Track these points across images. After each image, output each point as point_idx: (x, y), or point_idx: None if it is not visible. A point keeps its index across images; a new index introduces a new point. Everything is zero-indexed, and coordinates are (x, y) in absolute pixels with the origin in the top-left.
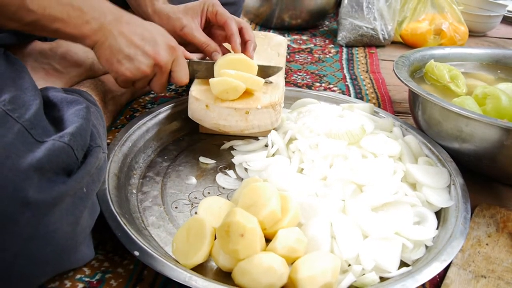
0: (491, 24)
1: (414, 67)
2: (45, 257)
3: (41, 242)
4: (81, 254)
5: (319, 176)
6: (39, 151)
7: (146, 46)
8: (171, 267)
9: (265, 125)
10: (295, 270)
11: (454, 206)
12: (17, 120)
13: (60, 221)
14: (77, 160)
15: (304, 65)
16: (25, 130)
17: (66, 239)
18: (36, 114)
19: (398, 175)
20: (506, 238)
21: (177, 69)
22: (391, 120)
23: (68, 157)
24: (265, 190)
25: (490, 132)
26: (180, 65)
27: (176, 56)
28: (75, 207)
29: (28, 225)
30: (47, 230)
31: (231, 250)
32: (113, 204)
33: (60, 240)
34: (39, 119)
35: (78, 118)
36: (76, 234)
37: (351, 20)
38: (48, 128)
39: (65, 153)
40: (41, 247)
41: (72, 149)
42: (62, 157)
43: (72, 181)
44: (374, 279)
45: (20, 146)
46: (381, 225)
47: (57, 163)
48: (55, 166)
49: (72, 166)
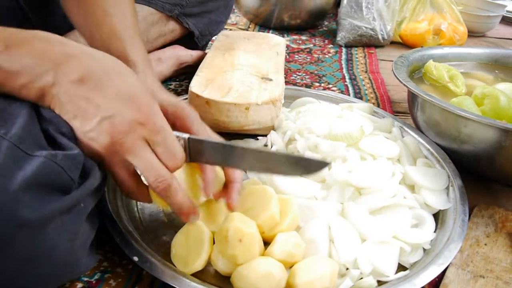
0: (490, 25)
1: (413, 67)
2: (44, 274)
3: (39, 261)
4: (83, 266)
5: (317, 178)
6: (28, 167)
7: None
8: (170, 273)
9: (265, 121)
10: (293, 275)
11: (452, 208)
12: (3, 137)
13: (57, 238)
14: (72, 180)
15: (303, 65)
16: (13, 146)
17: (65, 255)
18: (25, 125)
19: (397, 178)
20: (505, 238)
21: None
22: (391, 120)
23: (59, 177)
24: (264, 193)
25: (489, 133)
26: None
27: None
28: (72, 222)
29: (24, 245)
30: (44, 249)
31: (230, 255)
32: (111, 207)
33: (59, 257)
34: (29, 130)
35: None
36: (76, 249)
37: (350, 20)
38: (39, 138)
39: (55, 173)
40: (39, 266)
41: (64, 170)
42: (52, 177)
43: (68, 199)
44: (371, 283)
45: (10, 164)
46: (379, 229)
47: (48, 181)
48: (47, 184)
49: (68, 186)
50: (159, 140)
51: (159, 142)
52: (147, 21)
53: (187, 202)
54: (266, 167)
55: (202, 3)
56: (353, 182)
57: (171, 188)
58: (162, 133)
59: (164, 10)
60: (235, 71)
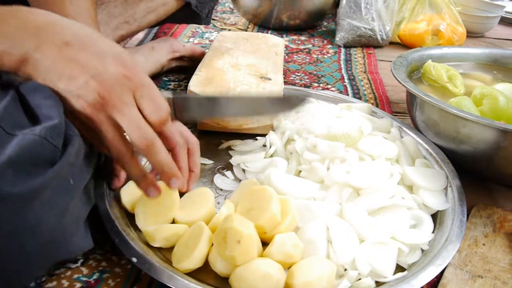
0: (489, 25)
1: (412, 68)
2: (30, 251)
3: (23, 237)
4: (74, 246)
5: (316, 179)
6: (9, 147)
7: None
8: (169, 274)
9: (264, 120)
10: (291, 276)
11: (450, 209)
12: None
13: (42, 214)
14: (56, 148)
15: (302, 65)
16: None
17: (51, 231)
18: (7, 107)
19: (395, 178)
20: (503, 238)
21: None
22: (389, 120)
23: (43, 148)
24: (265, 193)
25: (487, 133)
26: (148, 99)
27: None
28: (59, 198)
29: (6, 221)
30: (28, 225)
31: (228, 256)
32: (110, 207)
33: (44, 233)
34: (11, 111)
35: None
36: (64, 225)
37: (349, 20)
38: (22, 119)
39: (39, 145)
40: (24, 241)
41: (46, 140)
42: (36, 150)
43: (50, 173)
44: (369, 284)
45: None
46: (378, 229)
47: (33, 156)
48: (32, 159)
49: (53, 155)
50: (144, 94)
51: (145, 95)
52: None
53: (169, 162)
54: (250, 111)
55: None
56: (352, 182)
57: (154, 146)
58: (148, 86)
59: None
60: (234, 71)
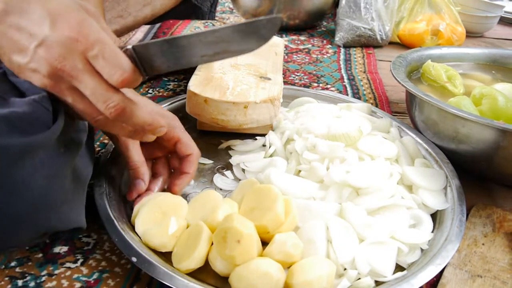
0: (488, 25)
1: (411, 68)
2: (19, 208)
3: (13, 192)
4: (63, 215)
5: (316, 178)
6: (6, 107)
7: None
8: (169, 273)
9: (264, 120)
10: (291, 276)
11: (450, 209)
12: None
13: (33, 173)
14: (49, 111)
15: (301, 65)
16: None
17: (40, 193)
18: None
19: (395, 178)
20: (502, 238)
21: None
22: (389, 120)
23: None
24: (269, 192)
25: (487, 133)
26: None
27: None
28: (51, 161)
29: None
30: (17, 180)
31: (228, 256)
32: (110, 207)
33: (34, 193)
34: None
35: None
36: (55, 190)
37: (349, 20)
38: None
39: (33, 106)
40: (12, 198)
41: (40, 103)
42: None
43: (46, 133)
44: (369, 283)
45: None
46: (377, 229)
47: (27, 115)
48: (27, 119)
49: (47, 118)
50: (96, 53)
51: (97, 54)
52: None
53: (147, 118)
54: (219, 49)
55: None
56: (351, 182)
57: (125, 110)
58: (99, 44)
59: None
60: (234, 70)
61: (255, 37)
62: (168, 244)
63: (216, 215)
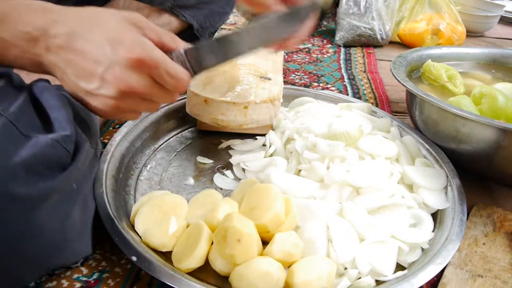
0: (489, 24)
1: (411, 67)
2: (33, 252)
3: (28, 238)
4: (74, 251)
5: (316, 178)
6: (25, 149)
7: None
8: (169, 272)
9: (264, 120)
10: (291, 275)
11: (450, 208)
12: (1, 114)
13: (48, 216)
14: (68, 153)
15: (302, 65)
16: (10, 123)
17: (54, 235)
18: (21, 106)
19: (395, 177)
20: (503, 237)
21: (165, 80)
22: (389, 120)
23: (56, 151)
24: (269, 192)
25: (487, 132)
26: (167, 76)
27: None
28: (64, 202)
29: (14, 220)
30: (34, 226)
31: (228, 255)
32: (110, 207)
33: (48, 236)
34: (24, 111)
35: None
36: (66, 230)
37: (349, 20)
38: (34, 120)
39: (52, 148)
40: (28, 243)
41: (59, 144)
42: (49, 152)
43: (62, 177)
44: (369, 283)
45: (5, 140)
46: (378, 228)
47: (46, 158)
48: (45, 161)
49: (64, 160)
50: (161, 72)
51: (162, 73)
52: None
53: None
54: (264, 39)
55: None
56: (352, 181)
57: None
58: (161, 64)
59: (153, 4)
60: (234, 70)
61: (296, 22)
62: (168, 243)
63: (216, 215)
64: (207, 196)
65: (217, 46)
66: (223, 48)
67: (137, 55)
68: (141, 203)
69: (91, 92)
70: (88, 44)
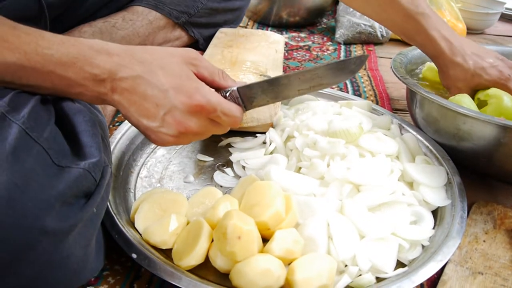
0: (489, 22)
1: (412, 65)
2: (57, 280)
3: (55, 267)
4: (91, 271)
5: (316, 175)
6: (60, 181)
7: (162, 115)
8: (169, 270)
9: (264, 118)
10: (291, 272)
11: (450, 205)
12: (36, 140)
13: (74, 246)
14: (95, 181)
15: (302, 62)
16: (44, 152)
17: (78, 262)
18: (52, 130)
19: (395, 175)
20: (503, 235)
21: (223, 120)
22: (389, 117)
23: (86, 181)
24: (269, 189)
25: (488, 130)
26: (224, 116)
27: (209, 110)
28: (87, 230)
29: (44, 252)
30: (61, 256)
31: (228, 252)
32: (110, 204)
33: (72, 264)
34: (55, 135)
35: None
36: (88, 256)
37: (349, 17)
38: (63, 145)
39: (84, 178)
40: (54, 272)
41: (90, 173)
42: (82, 184)
43: (88, 206)
44: (370, 280)
45: (40, 172)
46: (378, 226)
47: (78, 189)
48: (75, 193)
49: (91, 188)
50: (218, 114)
51: (219, 115)
52: (153, 25)
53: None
54: (314, 84)
55: (210, 14)
56: (352, 179)
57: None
58: (218, 107)
59: (171, 17)
60: (234, 68)
61: (346, 72)
62: (168, 241)
63: (216, 212)
64: (207, 194)
65: (268, 87)
66: (273, 89)
67: (197, 102)
68: (141, 201)
69: (152, 129)
70: (152, 89)
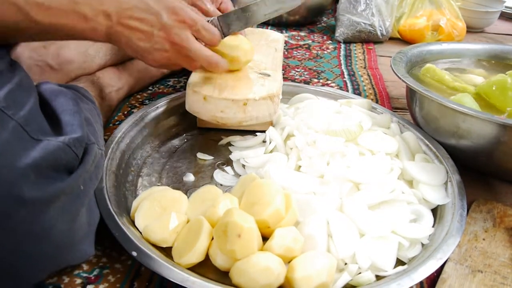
0: (489, 20)
1: (411, 63)
2: (41, 254)
3: (36, 239)
4: (79, 252)
5: (316, 173)
6: (35, 151)
7: (156, 32)
8: (169, 267)
9: (263, 116)
10: (291, 270)
11: (450, 203)
12: (11, 117)
13: (56, 218)
14: (77, 157)
15: (302, 61)
16: (20, 127)
17: (62, 236)
18: (31, 110)
19: (395, 173)
20: (503, 233)
21: (202, 34)
22: (389, 116)
23: (66, 155)
24: (269, 187)
25: (487, 128)
26: (203, 31)
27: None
28: (71, 205)
29: (23, 222)
30: (42, 228)
31: (228, 250)
32: (110, 202)
33: (56, 238)
34: (34, 115)
35: (70, 112)
36: (73, 232)
37: (349, 16)
38: (44, 124)
39: (62, 151)
40: (36, 244)
41: (70, 147)
42: (60, 156)
43: (70, 179)
44: (370, 278)
45: (16, 143)
46: (378, 224)
47: (55, 161)
48: (53, 164)
49: (72, 163)
50: (198, 28)
51: (199, 29)
52: None
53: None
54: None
55: None
56: (352, 177)
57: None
58: (198, 22)
59: None
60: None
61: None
62: (168, 239)
63: (216, 210)
64: (207, 192)
65: (241, 14)
66: (245, 15)
67: (181, 17)
68: (141, 199)
69: (149, 50)
70: (146, 14)
